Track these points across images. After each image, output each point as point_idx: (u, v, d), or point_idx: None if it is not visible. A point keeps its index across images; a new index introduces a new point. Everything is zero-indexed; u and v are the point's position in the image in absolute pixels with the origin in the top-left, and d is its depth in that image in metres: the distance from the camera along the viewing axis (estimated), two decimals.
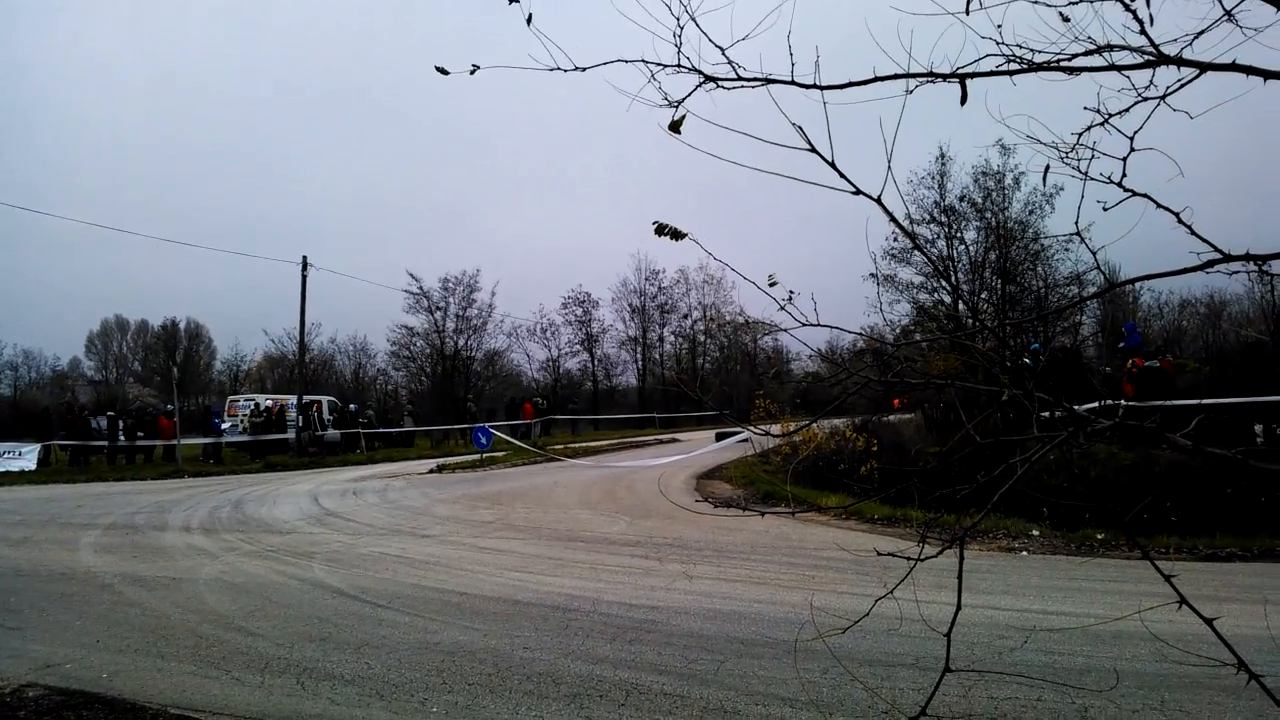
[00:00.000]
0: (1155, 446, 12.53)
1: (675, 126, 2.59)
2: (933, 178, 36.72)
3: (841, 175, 2.46)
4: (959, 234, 36.72)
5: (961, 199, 36.15)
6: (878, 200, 2.45)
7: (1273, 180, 64.45)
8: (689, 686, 6.39)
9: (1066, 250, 32.62)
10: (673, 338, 68.33)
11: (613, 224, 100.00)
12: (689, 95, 2.61)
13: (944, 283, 31.51)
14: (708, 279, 64.35)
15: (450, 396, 51.19)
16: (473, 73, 2.79)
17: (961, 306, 36.29)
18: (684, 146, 2.62)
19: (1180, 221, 2.26)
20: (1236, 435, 14.89)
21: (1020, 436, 2.65)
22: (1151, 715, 5.56)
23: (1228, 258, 2.25)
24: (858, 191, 2.46)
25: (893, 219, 2.50)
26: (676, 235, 2.83)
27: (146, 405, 52.66)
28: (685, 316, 67.13)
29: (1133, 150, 2.37)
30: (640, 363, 66.55)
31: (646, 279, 65.31)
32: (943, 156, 36.29)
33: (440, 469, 27.80)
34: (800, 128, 2.43)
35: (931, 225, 36.97)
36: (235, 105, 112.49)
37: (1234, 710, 5.55)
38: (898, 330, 32.92)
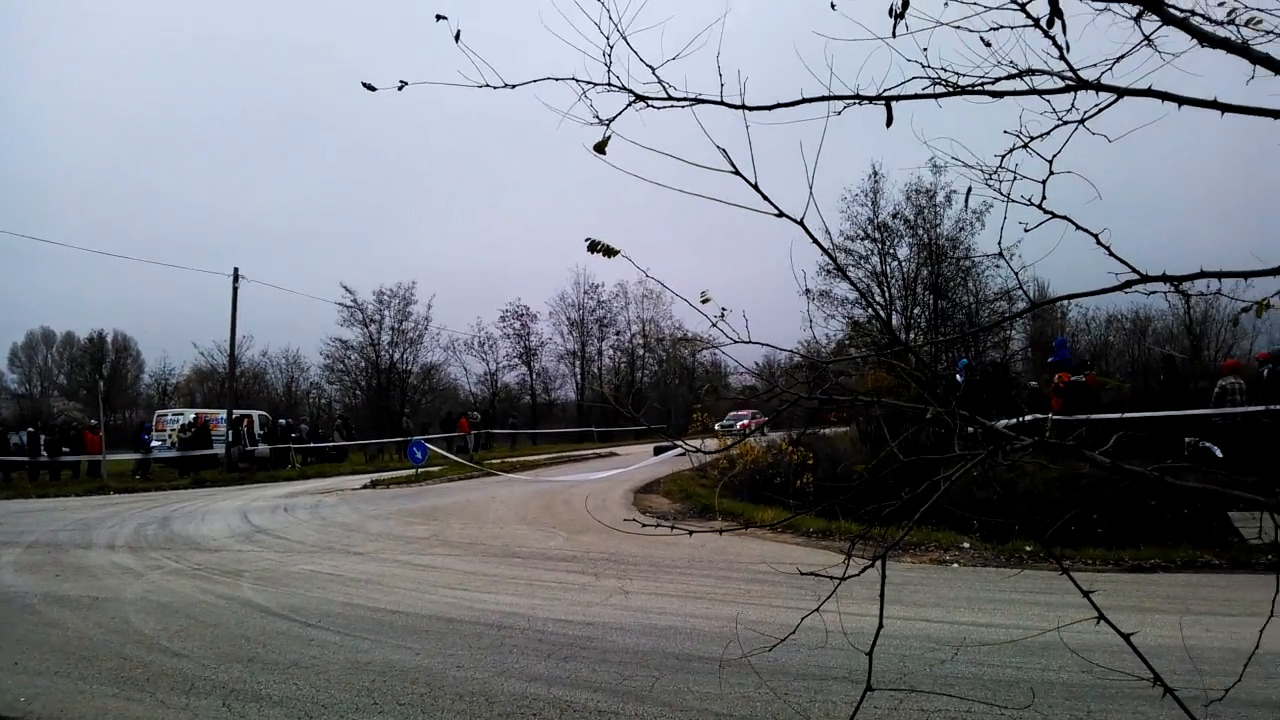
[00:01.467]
0: (1075, 463, 12.82)
1: (600, 147, 2.59)
2: (866, 194, 37.25)
3: (765, 198, 2.48)
4: (892, 250, 37.30)
5: (894, 216, 36.73)
6: (799, 222, 2.47)
7: (1188, 202, 66.71)
8: (623, 703, 6.37)
9: (997, 267, 33.30)
10: (611, 351, 68.43)
11: (549, 239, 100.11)
12: (619, 114, 2.62)
13: (870, 300, 31.85)
14: (646, 293, 64.62)
15: (386, 410, 50.59)
16: (400, 89, 2.77)
17: (896, 320, 36.88)
18: (617, 163, 2.62)
19: (1099, 243, 2.32)
20: (1165, 449, 15.25)
21: (942, 455, 2.68)
22: None
23: (1145, 278, 2.31)
24: (780, 214, 2.48)
25: (815, 240, 2.52)
26: (609, 252, 2.83)
27: (71, 420, 51.21)
28: (623, 331, 67.31)
29: (1051, 173, 2.43)
30: (579, 376, 66.51)
31: (585, 293, 65.38)
32: (875, 174, 36.83)
33: (374, 484, 27.43)
34: (724, 150, 2.45)
35: (865, 241, 37.49)
36: (165, 114, 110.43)
37: None
38: (832, 345, 33.24)
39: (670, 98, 2.62)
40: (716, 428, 46.31)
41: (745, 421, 45.17)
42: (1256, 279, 2.25)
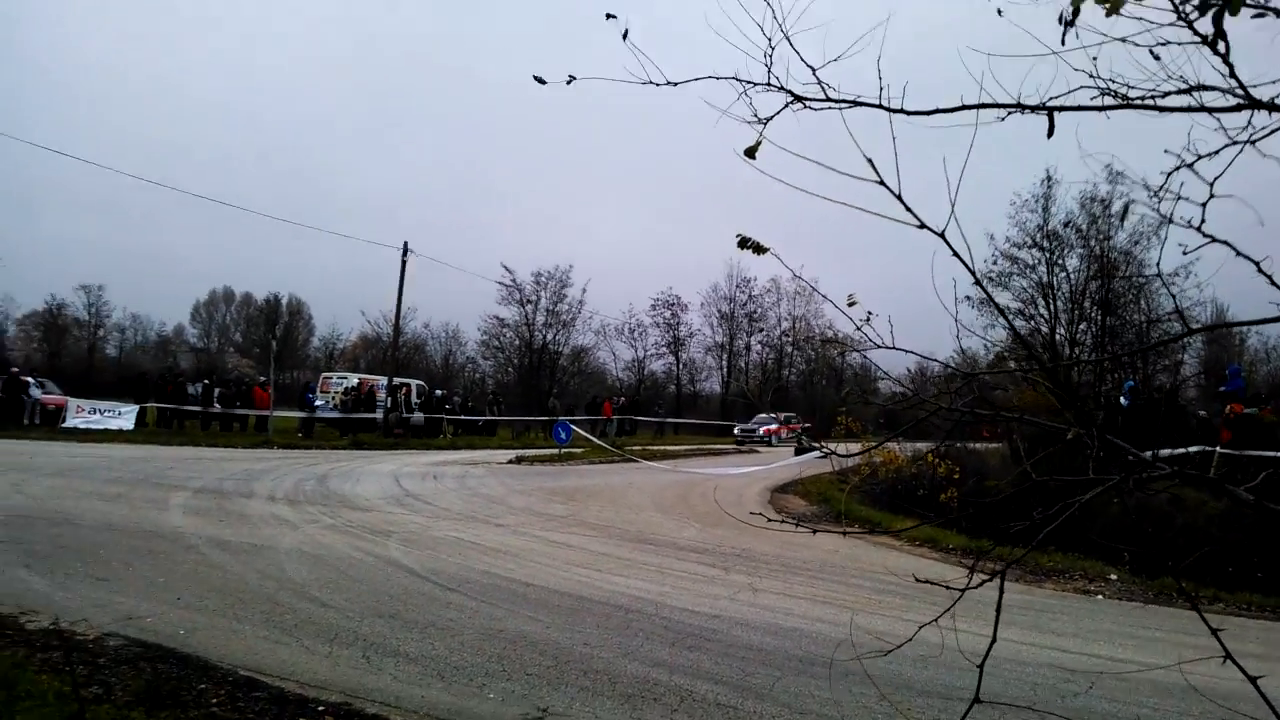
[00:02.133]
0: (1216, 497, 12.09)
1: (751, 152, 2.63)
2: (1036, 200, 35.86)
3: (907, 208, 2.47)
4: (1060, 260, 35.79)
5: (1066, 224, 35.20)
6: (941, 235, 2.46)
7: None
8: (743, 699, 6.41)
9: (1174, 285, 31.59)
10: (760, 347, 67.93)
11: (704, 230, 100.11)
12: (777, 114, 2.64)
13: (1006, 316, 30.55)
14: (799, 291, 63.61)
15: (535, 389, 51.74)
16: (569, 83, 2.87)
17: (1060, 334, 35.38)
18: (770, 162, 2.65)
19: (1260, 270, 2.23)
20: None
21: (1074, 478, 2.62)
22: None
23: None
24: (922, 225, 2.47)
25: (955, 253, 2.50)
26: (759, 249, 2.86)
27: (243, 375, 54.43)
28: (773, 328, 66.71)
29: (1212, 195, 2.34)
30: (725, 370, 66.36)
31: (737, 286, 64.97)
32: (1049, 179, 35.40)
33: (519, 460, 28.13)
34: (870, 160, 2.45)
35: (1033, 250, 36.10)
36: (353, 87, 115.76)
37: None
38: (991, 357, 32.14)
39: (829, 99, 2.63)
40: (736, 431, 45.68)
41: (773, 427, 45.15)
42: None
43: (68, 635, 6.94)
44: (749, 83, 2.67)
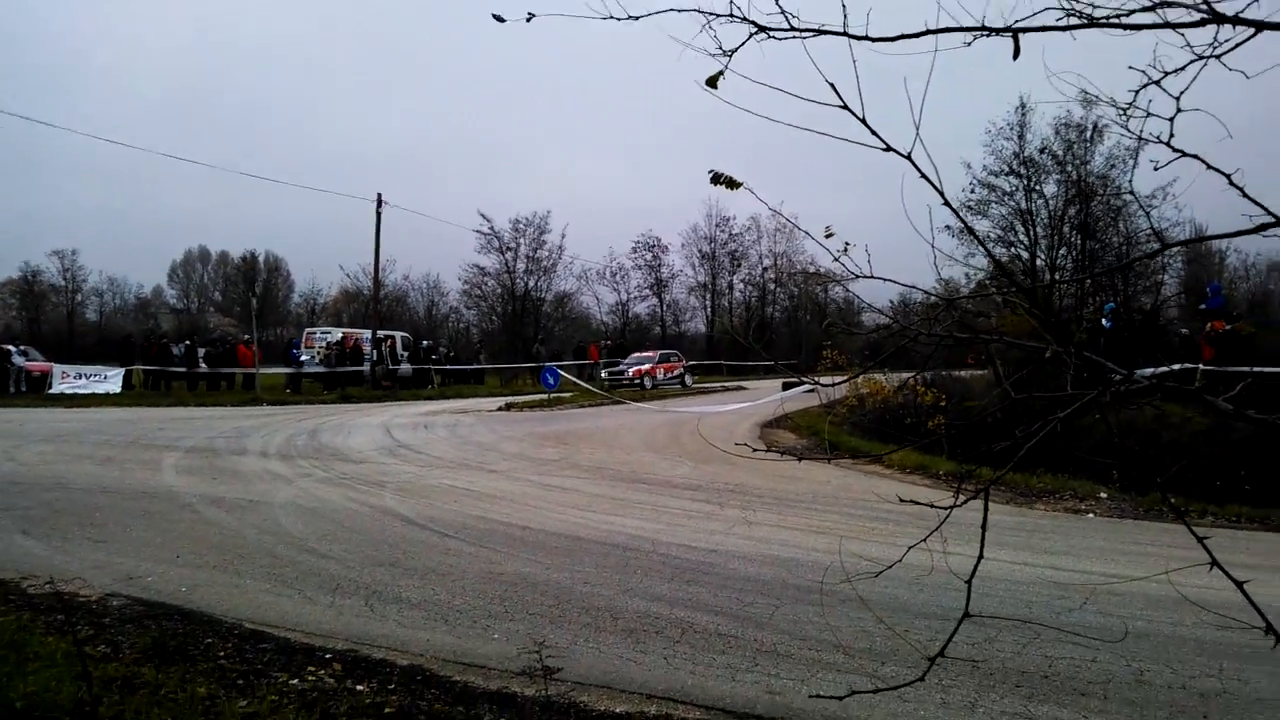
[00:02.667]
0: (1201, 412, 12.23)
1: (712, 82, 2.58)
2: (1012, 128, 35.75)
3: (872, 132, 2.44)
4: (1038, 186, 35.79)
5: (1042, 150, 35.15)
6: (907, 157, 2.44)
7: None
8: (743, 628, 6.52)
9: (1152, 207, 31.65)
10: (742, 285, 67.92)
11: (680, 172, 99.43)
12: (741, 45, 2.61)
13: (980, 238, 30.54)
14: (779, 228, 63.38)
15: (520, 336, 51.72)
16: (529, 20, 2.81)
17: (1040, 261, 35.51)
18: (739, 96, 2.62)
19: (1231, 183, 2.23)
20: None
21: (1050, 394, 2.65)
22: (1208, 682, 5.55)
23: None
24: (888, 148, 2.44)
25: (922, 175, 2.48)
26: (732, 184, 2.83)
27: (226, 334, 54.20)
28: (756, 265, 66.57)
29: (1179, 110, 2.33)
30: (709, 309, 66.39)
31: (717, 225, 64.75)
32: (1023, 107, 35.27)
33: (509, 407, 28.20)
34: (833, 85, 2.42)
35: (1010, 177, 36.07)
36: (310, 45, 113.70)
37: None
38: (973, 285, 32.17)
39: (793, 28, 2.59)
40: (604, 375, 39.08)
41: (647, 366, 38.58)
42: None
43: (69, 597, 6.99)
44: (711, 14, 2.63)
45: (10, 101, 78.43)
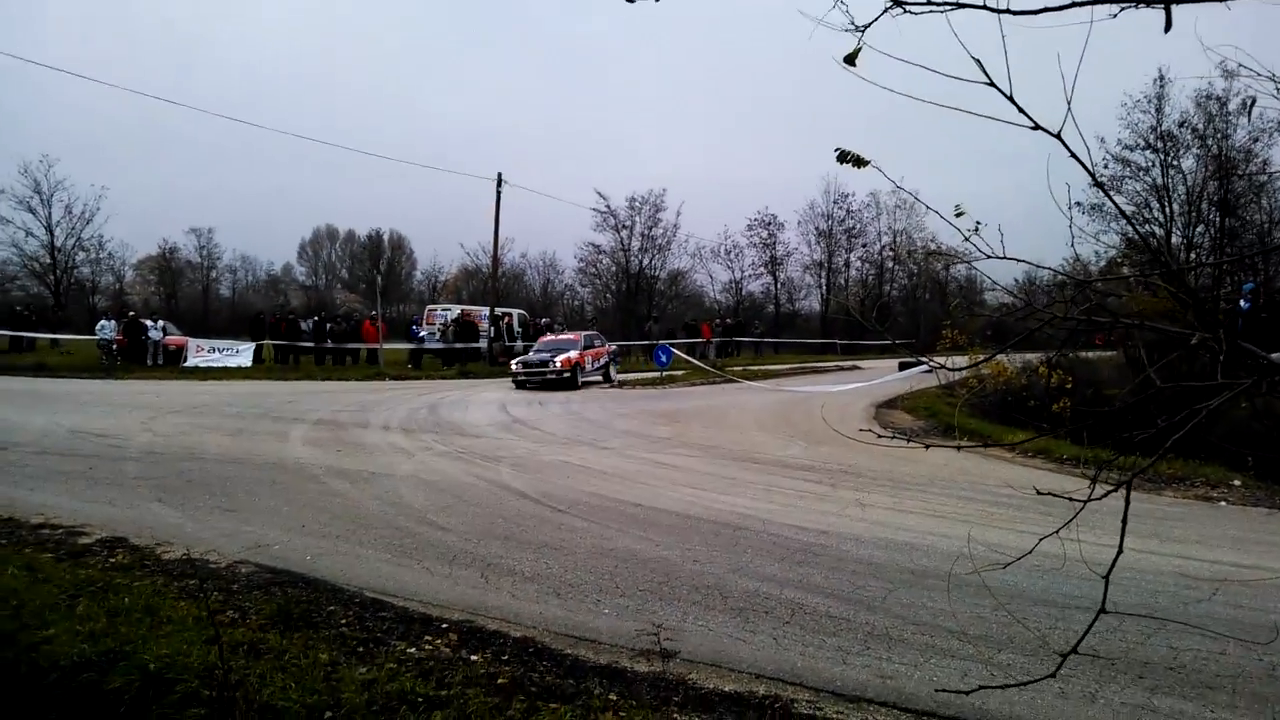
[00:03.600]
0: None
1: (851, 59, 2.52)
2: (1149, 100, 34.09)
3: (1020, 109, 2.35)
4: (1175, 162, 34.09)
5: (1181, 124, 33.43)
6: (1057, 136, 2.33)
7: None
8: (854, 611, 6.44)
9: None
10: (859, 263, 66.44)
11: (798, 148, 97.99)
12: (876, 19, 2.53)
13: (1130, 220, 29.13)
14: (900, 204, 61.60)
15: (634, 314, 51.94)
16: (658, 0, 2.80)
17: (1176, 239, 33.89)
18: (865, 75, 2.54)
19: None
20: None
21: (1201, 383, 2.50)
22: None
23: None
24: (1036, 126, 2.35)
25: (1073, 154, 2.37)
26: (859, 162, 2.78)
27: (352, 310, 55.92)
28: (872, 243, 65.17)
29: None
30: (824, 288, 65.21)
31: (835, 202, 63.34)
32: (1161, 79, 33.58)
33: (621, 385, 28.39)
34: (979, 60, 2.33)
35: (1146, 152, 34.45)
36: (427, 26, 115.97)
37: None
38: (1103, 264, 30.83)
39: (930, 1, 2.52)
40: (514, 366, 28.58)
41: (574, 354, 27.79)
42: None
43: (200, 564, 7.34)
44: None
45: (148, 83, 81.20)
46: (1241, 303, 21.06)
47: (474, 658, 5.41)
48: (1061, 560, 3.57)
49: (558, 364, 26.88)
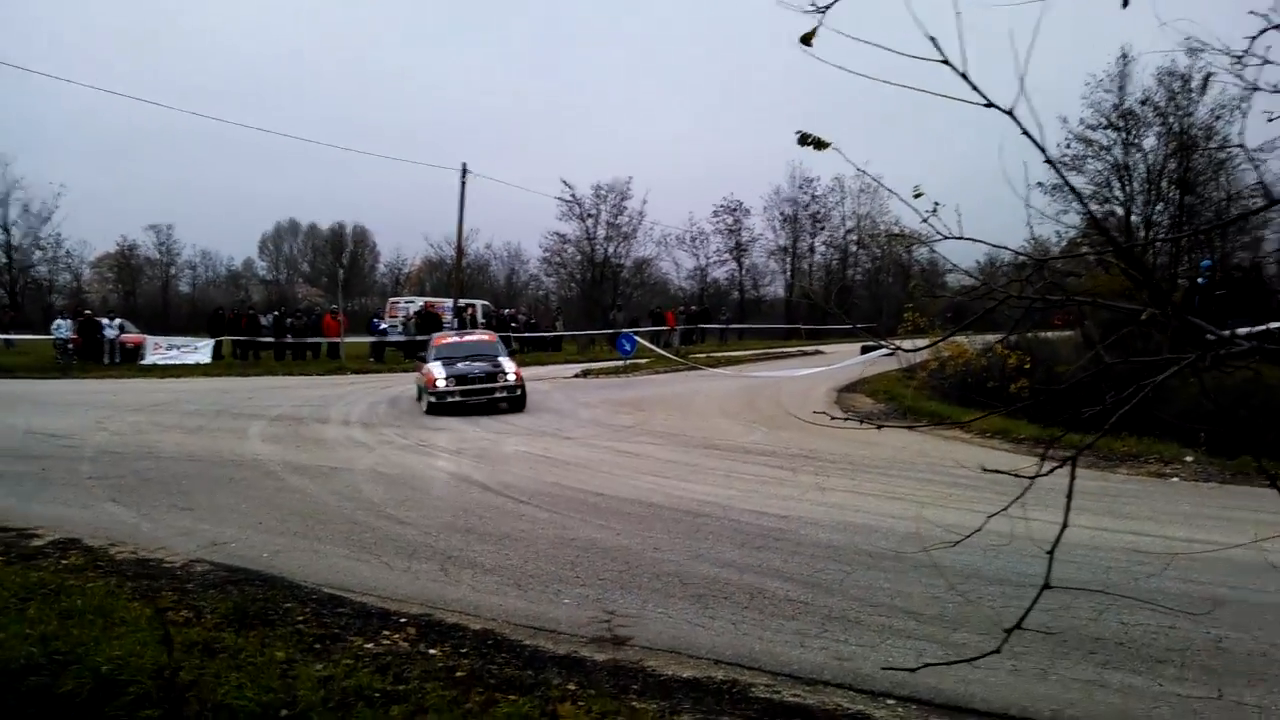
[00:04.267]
0: None
1: (807, 39, 2.52)
2: (1112, 79, 34.43)
3: (973, 87, 2.36)
4: (1136, 140, 34.46)
5: (1143, 101, 33.78)
6: (1009, 113, 2.35)
7: None
8: (813, 594, 6.49)
9: (1261, 161, 30.24)
10: (824, 248, 66.79)
11: (763, 133, 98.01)
12: (835, 1, 2.52)
13: (1079, 197, 29.37)
14: (864, 188, 61.77)
15: (598, 303, 51.86)
16: None
17: (1135, 217, 34.30)
18: (828, 56, 2.54)
19: None
20: None
21: (1149, 358, 2.55)
22: None
23: None
24: (989, 104, 2.36)
25: (1024, 131, 2.39)
26: (820, 145, 2.78)
27: (314, 305, 55.41)
28: (839, 227, 65.49)
29: None
30: (789, 273, 65.52)
31: (800, 187, 63.46)
32: (1124, 58, 33.90)
33: (585, 374, 28.38)
34: (933, 39, 2.34)
35: (1108, 131, 34.79)
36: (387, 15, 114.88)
37: None
38: (1064, 244, 31.04)
39: None
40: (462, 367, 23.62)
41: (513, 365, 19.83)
42: None
43: (155, 563, 7.27)
44: None
45: (105, 78, 79.91)
46: (1199, 280, 21.38)
47: (433, 651, 5.41)
48: (1015, 539, 3.63)
49: (510, 377, 19.45)
